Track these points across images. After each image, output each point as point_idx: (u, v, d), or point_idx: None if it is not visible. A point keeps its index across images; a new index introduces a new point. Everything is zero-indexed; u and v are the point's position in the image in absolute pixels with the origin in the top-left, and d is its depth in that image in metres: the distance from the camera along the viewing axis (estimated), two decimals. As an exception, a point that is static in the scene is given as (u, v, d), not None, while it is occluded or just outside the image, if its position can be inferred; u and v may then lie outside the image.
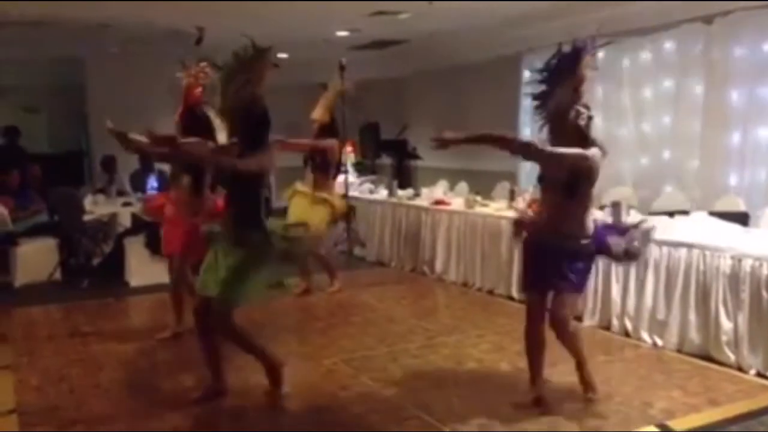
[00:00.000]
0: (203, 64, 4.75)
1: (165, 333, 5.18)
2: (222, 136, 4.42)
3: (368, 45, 9.86)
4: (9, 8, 6.77)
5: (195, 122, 4.78)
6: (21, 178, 8.09)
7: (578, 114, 3.55)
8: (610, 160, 7.45)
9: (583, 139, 3.57)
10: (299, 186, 6.49)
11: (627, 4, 6.87)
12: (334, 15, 7.84)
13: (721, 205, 5.87)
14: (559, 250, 3.59)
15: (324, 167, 6.34)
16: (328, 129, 6.34)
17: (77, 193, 7.93)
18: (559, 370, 3.99)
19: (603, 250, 3.69)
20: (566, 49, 3.65)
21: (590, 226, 3.66)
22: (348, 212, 6.86)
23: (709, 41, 6.59)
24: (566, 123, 3.56)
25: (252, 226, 3.75)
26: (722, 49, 6.49)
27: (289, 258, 3.94)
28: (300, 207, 6.27)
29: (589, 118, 3.59)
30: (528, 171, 8.06)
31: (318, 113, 6.33)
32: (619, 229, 3.87)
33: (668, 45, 7.06)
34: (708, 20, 6.58)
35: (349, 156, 9.77)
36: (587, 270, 3.70)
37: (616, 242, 3.67)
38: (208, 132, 4.67)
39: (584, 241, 3.61)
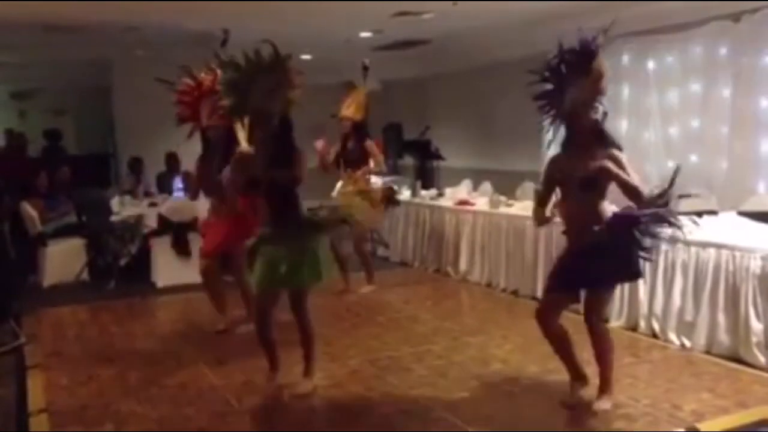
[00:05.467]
0: None
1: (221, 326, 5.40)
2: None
3: (391, 45, 9.85)
4: (42, 14, 6.86)
5: None
6: (50, 180, 8.21)
7: (596, 110, 3.52)
8: (637, 164, 7.48)
9: (600, 135, 3.55)
10: (339, 188, 6.46)
11: (654, 3, 6.80)
12: (357, 16, 7.84)
13: (750, 205, 5.78)
14: (587, 246, 3.54)
15: (358, 164, 6.33)
16: (361, 127, 6.33)
17: (105, 194, 8.03)
18: (588, 371, 3.96)
19: (630, 226, 3.50)
20: (572, 46, 3.57)
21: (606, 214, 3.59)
22: (389, 194, 6.73)
23: (737, 43, 6.51)
24: (583, 120, 3.52)
25: (296, 217, 3.93)
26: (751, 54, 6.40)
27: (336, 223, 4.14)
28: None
29: (604, 114, 3.57)
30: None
31: (351, 111, 6.28)
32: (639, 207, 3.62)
33: (695, 47, 6.99)
34: (736, 18, 6.50)
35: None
36: (615, 263, 3.57)
37: (641, 213, 3.50)
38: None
39: (600, 228, 3.52)
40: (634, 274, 3.70)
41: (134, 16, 7.23)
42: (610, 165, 3.45)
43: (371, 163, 6.41)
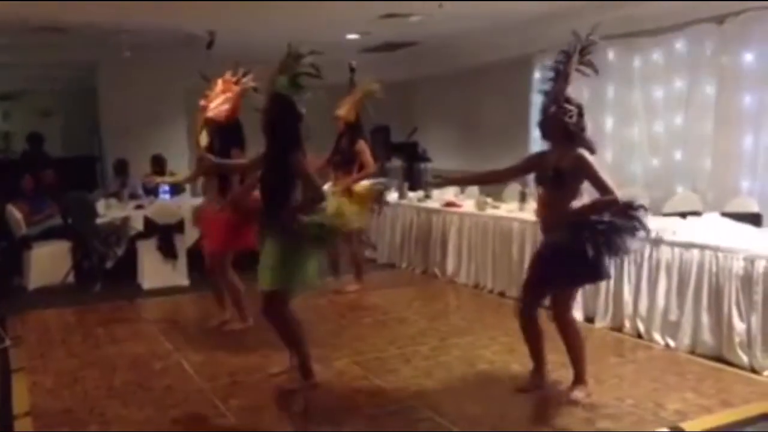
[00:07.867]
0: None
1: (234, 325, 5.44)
2: None
3: (378, 47, 9.88)
4: (28, 14, 6.83)
5: None
6: (35, 183, 8.16)
7: (565, 111, 3.58)
8: (622, 161, 7.58)
9: (568, 136, 3.61)
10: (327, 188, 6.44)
11: (641, 4, 6.84)
12: (344, 18, 7.85)
13: (734, 206, 5.83)
14: (551, 244, 3.69)
15: (348, 165, 6.28)
16: (353, 127, 6.32)
17: (90, 197, 7.99)
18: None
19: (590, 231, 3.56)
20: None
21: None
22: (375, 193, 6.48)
23: (721, 43, 6.57)
24: (553, 119, 3.64)
25: (287, 217, 3.82)
26: (733, 53, 6.47)
27: (325, 244, 4.07)
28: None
29: (580, 114, 3.62)
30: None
31: (343, 110, 6.28)
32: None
33: (679, 46, 7.05)
34: (720, 20, 6.56)
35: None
36: (579, 266, 3.60)
37: (597, 221, 3.58)
38: None
39: (570, 231, 3.58)
40: (598, 277, 3.78)
41: (121, 17, 7.21)
42: (586, 156, 3.56)
43: (368, 168, 6.31)
